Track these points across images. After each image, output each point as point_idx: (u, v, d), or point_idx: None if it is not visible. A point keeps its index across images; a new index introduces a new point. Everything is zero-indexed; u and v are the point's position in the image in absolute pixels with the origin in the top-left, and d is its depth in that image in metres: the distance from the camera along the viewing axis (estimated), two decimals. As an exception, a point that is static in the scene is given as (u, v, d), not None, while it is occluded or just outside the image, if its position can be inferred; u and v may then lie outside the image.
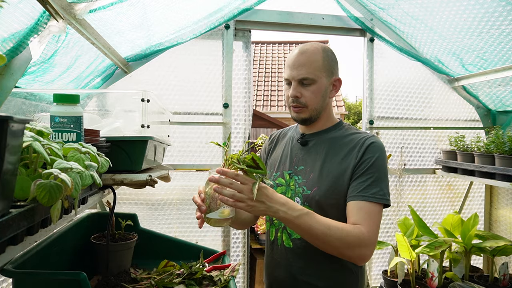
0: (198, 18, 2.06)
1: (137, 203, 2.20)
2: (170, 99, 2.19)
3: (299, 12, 2.27)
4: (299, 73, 1.22)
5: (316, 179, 1.22)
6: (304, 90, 1.23)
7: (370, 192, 1.14)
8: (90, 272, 1.25)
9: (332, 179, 1.19)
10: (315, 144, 1.29)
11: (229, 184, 0.99)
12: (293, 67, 1.23)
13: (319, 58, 1.23)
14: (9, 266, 0.94)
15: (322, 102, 1.26)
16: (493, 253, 2.15)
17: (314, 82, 1.22)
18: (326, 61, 1.25)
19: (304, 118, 1.26)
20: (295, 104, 1.25)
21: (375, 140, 1.22)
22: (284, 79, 1.30)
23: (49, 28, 1.18)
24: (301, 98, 1.23)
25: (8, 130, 0.50)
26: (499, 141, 2.08)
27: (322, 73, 1.23)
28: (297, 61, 1.23)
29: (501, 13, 1.66)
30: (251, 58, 2.28)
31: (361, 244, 1.07)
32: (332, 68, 1.26)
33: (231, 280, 1.33)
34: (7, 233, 0.54)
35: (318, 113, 1.27)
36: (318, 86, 1.23)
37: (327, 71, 1.24)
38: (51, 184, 0.59)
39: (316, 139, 1.30)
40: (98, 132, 1.09)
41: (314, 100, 1.24)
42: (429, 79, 2.50)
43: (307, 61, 1.22)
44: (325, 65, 1.24)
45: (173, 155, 2.20)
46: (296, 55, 1.24)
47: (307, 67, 1.22)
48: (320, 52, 1.24)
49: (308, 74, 1.21)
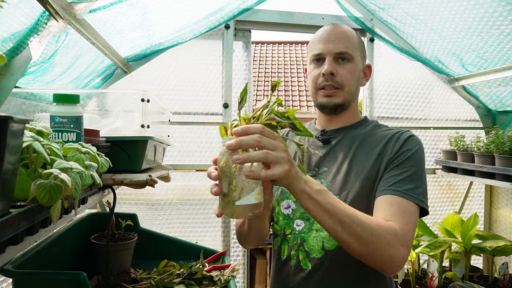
0: (198, 18, 2.05)
1: (137, 203, 2.20)
2: (170, 99, 2.19)
3: (299, 12, 2.27)
4: (336, 46, 1.05)
5: (344, 181, 1.02)
6: (339, 67, 1.06)
7: (404, 187, 0.93)
8: (90, 272, 1.25)
9: (364, 180, 0.99)
10: (340, 142, 1.10)
11: (257, 141, 0.68)
12: (328, 40, 1.07)
13: (355, 36, 1.10)
14: (9, 266, 0.94)
15: (357, 86, 1.10)
16: (493, 253, 2.15)
17: (351, 59, 1.07)
18: (361, 42, 1.12)
19: (337, 104, 1.07)
20: (330, 83, 1.06)
21: (413, 134, 1.05)
22: (312, 57, 1.11)
23: (49, 28, 1.18)
24: (337, 76, 1.06)
25: (8, 130, 0.50)
26: (499, 141, 2.07)
27: (358, 53, 1.09)
28: (334, 34, 1.07)
29: (501, 13, 1.66)
30: (251, 58, 2.28)
31: (394, 243, 0.83)
32: (364, 53, 1.14)
33: (231, 280, 1.33)
34: (7, 233, 0.54)
35: (351, 99, 1.10)
36: (355, 66, 1.08)
37: (361, 53, 1.11)
38: (51, 184, 0.59)
39: (341, 136, 1.11)
40: (98, 132, 1.09)
41: (350, 81, 1.07)
42: (429, 79, 2.50)
43: (345, 36, 1.07)
44: (360, 46, 1.10)
45: (173, 155, 2.20)
46: (331, 29, 1.09)
47: (345, 41, 1.06)
48: (354, 32, 1.12)
49: (346, 49, 1.06)
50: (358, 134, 1.09)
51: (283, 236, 1.09)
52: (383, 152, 1.01)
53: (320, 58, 1.08)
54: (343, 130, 1.12)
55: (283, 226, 1.10)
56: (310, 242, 1.03)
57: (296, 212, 1.08)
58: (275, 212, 1.13)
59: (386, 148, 1.02)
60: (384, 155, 1.01)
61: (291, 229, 1.07)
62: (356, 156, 1.04)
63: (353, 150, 1.06)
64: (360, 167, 1.02)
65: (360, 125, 1.13)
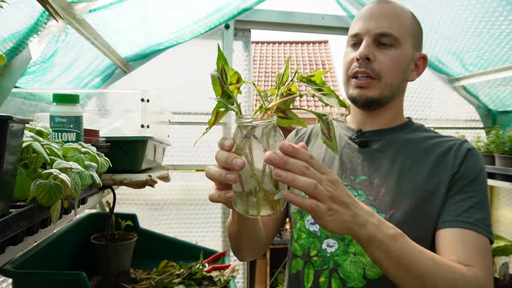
0: (197, 18, 2.05)
1: (137, 203, 2.20)
2: (170, 99, 2.19)
3: (299, 12, 2.27)
4: (378, 25, 0.85)
5: (392, 196, 0.82)
6: (379, 53, 0.85)
7: (475, 217, 0.77)
8: (90, 272, 1.24)
9: (417, 198, 0.81)
10: (382, 147, 0.90)
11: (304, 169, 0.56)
12: (370, 17, 0.86)
13: (408, 16, 0.89)
14: (9, 266, 0.94)
15: (401, 79, 0.88)
16: (493, 253, 2.15)
17: (397, 43, 0.85)
18: (416, 25, 0.90)
19: (371, 98, 0.86)
20: (363, 70, 0.85)
21: (473, 146, 0.86)
22: (349, 38, 0.91)
23: (48, 28, 1.18)
24: (374, 62, 0.85)
25: (8, 130, 0.50)
26: (499, 141, 2.07)
27: (408, 38, 0.87)
28: (379, 10, 0.87)
29: (501, 13, 1.66)
30: (251, 58, 2.28)
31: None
32: (420, 39, 0.91)
33: (231, 280, 1.33)
34: (7, 233, 0.54)
35: (391, 95, 0.87)
36: (401, 53, 0.85)
37: (415, 39, 0.88)
38: (50, 184, 0.59)
39: (383, 139, 0.91)
40: (97, 132, 1.09)
41: (391, 71, 0.85)
42: (429, 79, 2.50)
43: (393, 14, 0.86)
44: (414, 30, 0.88)
45: (173, 155, 2.20)
46: (377, 4, 0.89)
47: (392, 20, 0.85)
48: (409, 12, 0.90)
49: (391, 30, 0.84)
50: (405, 140, 0.90)
51: (307, 258, 0.88)
52: (440, 165, 0.83)
53: (357, 41, 0.88)
54: (385, 133, 0.91)
55: (306, 246, 0.89)
56: (347, 268, 0.82)
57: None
58: (295, 227, 0.92)
59: (444, 161, 0.83)
60: (441, 169, 0.83)
61: (318, 250, 0.87)
62: (405, 167, 0.85)
63: (400, 159, 0.86)
64: (412, 181, 0.83)
65: (406, 128, 0.93)
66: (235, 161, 0.56)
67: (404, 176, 0.84)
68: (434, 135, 0.91)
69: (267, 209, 0.59)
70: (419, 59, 0.91)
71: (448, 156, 0.84)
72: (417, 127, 0.94)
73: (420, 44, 0.91)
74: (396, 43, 0.85)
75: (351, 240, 0.83)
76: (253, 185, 0.58)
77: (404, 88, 0.92)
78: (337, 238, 0.86)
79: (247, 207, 0.60)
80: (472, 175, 0.81)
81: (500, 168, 2.00)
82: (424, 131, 0.93)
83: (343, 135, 0.96)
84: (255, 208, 0.60)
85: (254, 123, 0.57)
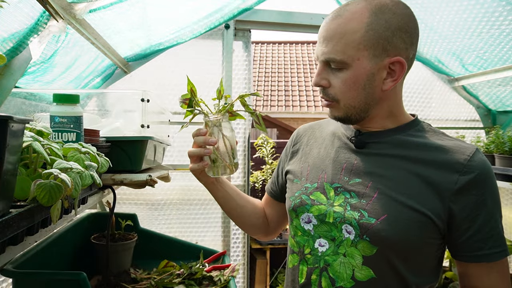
0: (198, 18, 2.05)
1: (137, 203, 2.20)
2: (170, 99, 2.19)
3: (299, 12, 2.27)
4: (323, 51, 0.82)
5: (385, 202, 0.80)
6: (333, 76, 0.83)
7: (497, 243, 0.79)
8: (90, 272, 1.25)
9: (414, 206, 0.78)
10: (379, 149, 0.87)
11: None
12: (319, 41, 0.84)
13: (359, 26, 0.79)
14: (9, 266, 0.94)
15: (365, 96, 0.82)
16: (493, 253, 2.15)
17: (345, 66, 0.80)
18: (375, 30, 0.78)
19: (339, 117, 0.87)
20: (321, 96, 0.86)
21: (484, 158, 0.81)
22: None
23: (49, 28, 1.18)
24: (329, 88, 0.84)
25: (8, 130, 0.50)
26: (499, 141, 2.07)
27: (362, 52, 0.79)
28: (324, 32, 0.83)
29: (501, 13, 1.66)
30: (251, 58, 2.28)
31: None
32: (388, 41, 0.79)
33: (231, 280, 1.33)
34: (7, 233, 0.54)
35: (362, 111, 0.84)
36: (354, 73, 0.80)
37: (373, 47, 0.79)
38: (51, 184, 0.59)
39: (381, 140, 0.88)
40: (98, 132, 1.09)
41: (347, 93, 0.82)
42: (429, 79, 2.50)
43: (338, 33, 0.80)
44: (371, 39, 0.78)
45: (173, 155, 2.20)
46: (324, 22, 0.85)
47: (336, 41, 0.80)
48: (364, 16, 0.79)
49: (335, 54, 0.80)
50: (405, 142, 0.85)
51: (302, 255, 0.90)
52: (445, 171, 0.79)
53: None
54: (384, 134, 0.88)
55: (302, 244, 0.91)
56: (336, 268, 0.84)
57: (318, 229, 0.88)
58: (292, 224, 0.95)
59: (450, 167, 0.79)
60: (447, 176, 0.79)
61: (311, 249, 0.88)
62: (402, 172, 0.82)
63: (397, 162, 0.83)
64: (408, 187, 0.80)
65: (408, 129, 0.88)
66: (210, 140, 0.96)
67: (399, 182, 0.81)
68: (437, 136, 0.87)
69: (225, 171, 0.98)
70: (388, 65, 0.81)
71: (453, 162, 0.80)
72: (422, 128, 0.89)
73: (388, 49, 0.80)
74: (344, 65, 0.80)
75: (341, 242, 0.84)
76: (214, 156, 0.97)
77: (384, 97, 0.85)
78: (328, 239, 0.86)
79: (213, 171, 0.98)
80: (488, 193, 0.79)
81: (500, 168, 2.00)
82: (427, 131, 0.88)
83: (342, 135, 0.94)
84: (217, 170, 0.97)
85: (212, 118, 1.00)
